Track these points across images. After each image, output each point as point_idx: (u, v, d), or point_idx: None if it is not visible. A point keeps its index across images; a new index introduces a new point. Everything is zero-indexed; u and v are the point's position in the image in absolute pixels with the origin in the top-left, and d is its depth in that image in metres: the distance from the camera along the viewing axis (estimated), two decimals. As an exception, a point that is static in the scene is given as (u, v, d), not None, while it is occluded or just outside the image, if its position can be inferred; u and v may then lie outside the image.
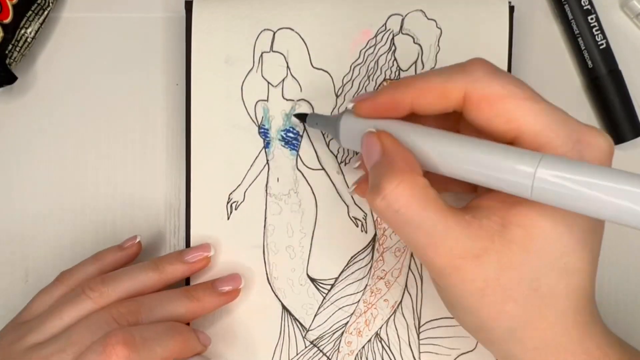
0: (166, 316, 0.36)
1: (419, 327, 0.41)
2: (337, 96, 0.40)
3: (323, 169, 0.41)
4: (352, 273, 0.41)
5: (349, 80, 0.40)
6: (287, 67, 0.40)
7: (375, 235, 0.41)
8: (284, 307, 0.41)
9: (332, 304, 0.41)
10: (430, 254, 0.28)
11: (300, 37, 0.40)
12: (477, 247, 0.27)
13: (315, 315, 0.41)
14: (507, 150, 0.26)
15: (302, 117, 0.39)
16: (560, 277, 0.28)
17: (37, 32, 0.41)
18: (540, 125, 0.27)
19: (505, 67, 0.40)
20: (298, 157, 0.41)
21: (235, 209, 0.41)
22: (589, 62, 0.42)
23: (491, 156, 0.26)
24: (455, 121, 0.33)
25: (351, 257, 0.41)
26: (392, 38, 0.40)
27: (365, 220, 0.41)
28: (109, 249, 0.39)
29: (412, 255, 0.41)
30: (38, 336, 0.35)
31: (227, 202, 0.40)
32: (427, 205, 0.28)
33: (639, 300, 0.43)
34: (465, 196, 0.34)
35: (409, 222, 0.28)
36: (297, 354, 0.41)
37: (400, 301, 0.41)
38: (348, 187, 0.41)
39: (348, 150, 0.41)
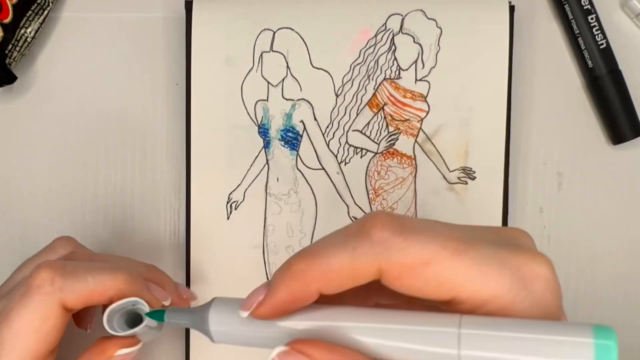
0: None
1: (419, 327, 0.41)
2: (337, 96, 0.40)
3: (323, 168, 0.41)
4: (352, 273, 0.41)
5: (349, 80, 0.40)
6: (287, 66, 0.40)
7: (375, 235, 0.41)
8: (284, 307, 0.41)
9: (332, 304, 0.41)
10: None
11: (300, 36, 0.40)
12: None
13: (315, 316, 0.41)
14: (427, 319, 0.23)
15: (157, 315, 0.30)
16: None
17: (37, 32, 0.41)
18: (477, 280, 0.23)
19: (505, 67, 0.40)
20: (298, 157, 0.41)
21: (235, 209, 0.40)
22: (589, 62, 0.42)
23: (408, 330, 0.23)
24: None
25: (351, 257, 0.41)
26: (392, 37, 0.40)
27: (365, 220, 0.41)
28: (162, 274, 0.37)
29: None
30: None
31: (227, 202, 0.40)
32: None
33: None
34: None
35: None
36: (297, 354, 0.41)
37: (401, 301, 0.41)
38: (348, 186, 0.41)
39: (348, 149, 0.41)
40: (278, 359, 0.24)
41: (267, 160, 0.41)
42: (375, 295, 0.28)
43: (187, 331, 0.41)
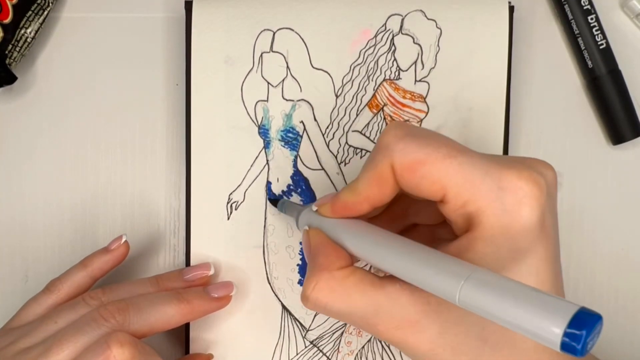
0: (155, 316, 0.35)
1: (419, 327, 0.41)
2: (337, 96, 0.40)
3: (323, 169, 0.41)
4: (352, 273, 0.41)
5: (349, 81, 0.40)
6: (287, 67, 0.40)
7: (375, 235, 0.41)
8: (284, 307, 0.41)
9: (332, 304, 0.41)
10: (373, 332, 0.29)
11: (300, 37, 0.40)
12: (412, 314, 0.28)
13: (315, 315, 0.41)
14: (436, 265, 0.26)
15: (274, 202, 0.40)
16: None
17: (37, 32, 0.41)
18: (461, 181, 0.27)
19: (505, 68, 0.40)
20: (298, 157, 0.41)
21: (236, 209, 0.41)
22: (589, 62, 0.42)
23: (419, 268, 0.26)
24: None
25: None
26: (392, 38, 0.40)
27: (365, 220, 0.41)
28: (95, 253, 0.39)
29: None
30: (30, 340, 0.34)
31: (227, 202, 0.40)
32: (350, 294, 0.29)
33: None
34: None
35: (340, 313, 0.29)
36: (297, 354, 0.41)
37: (400, 301, 0.41)
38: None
39: (348, 150, 0.41)
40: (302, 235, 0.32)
41: (267, 160, 0.41)
42: (412, 215, 0.34)
43: (187, 330, 0.41)
